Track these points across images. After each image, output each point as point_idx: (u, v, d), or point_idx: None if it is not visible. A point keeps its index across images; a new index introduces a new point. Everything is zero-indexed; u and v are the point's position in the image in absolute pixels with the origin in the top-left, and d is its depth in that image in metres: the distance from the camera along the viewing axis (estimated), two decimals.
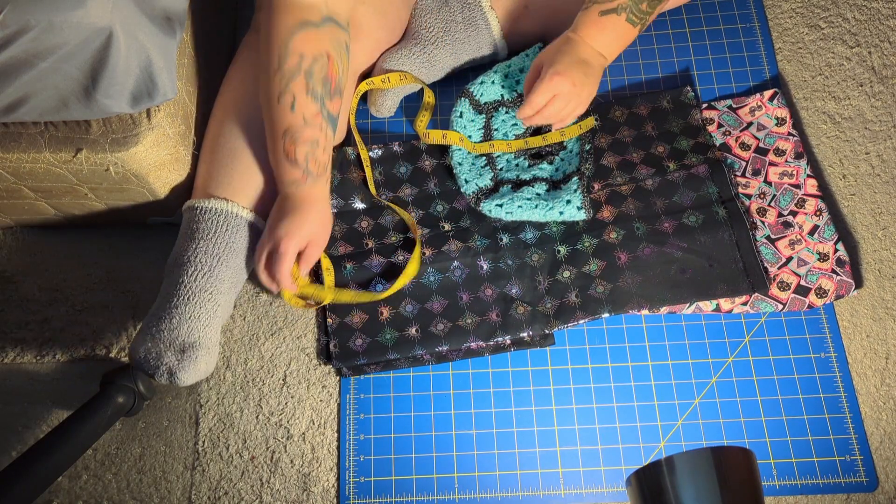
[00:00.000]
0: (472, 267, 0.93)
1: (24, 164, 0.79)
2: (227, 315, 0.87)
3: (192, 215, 0.84)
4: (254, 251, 0.86)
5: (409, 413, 0.90)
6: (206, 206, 0.84)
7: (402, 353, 0.90)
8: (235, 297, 0.87)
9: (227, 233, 0.83)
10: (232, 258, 0.84)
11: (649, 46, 1.05)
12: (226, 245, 0.83)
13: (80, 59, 0.68)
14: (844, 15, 1.07)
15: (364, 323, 0.92)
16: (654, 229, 0.93)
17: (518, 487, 0.87)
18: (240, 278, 0.86)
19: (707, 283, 0.91)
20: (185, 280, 0.81)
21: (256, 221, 0.86)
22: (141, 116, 0.78)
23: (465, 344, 0.90)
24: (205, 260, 0.82)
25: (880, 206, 0.97)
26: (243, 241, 0.85)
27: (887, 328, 0.92)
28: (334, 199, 0.97)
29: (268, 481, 0.88)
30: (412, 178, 0.99)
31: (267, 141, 0.82)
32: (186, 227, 0.85)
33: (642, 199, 0.95)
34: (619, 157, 0.98)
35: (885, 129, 1.01)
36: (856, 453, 0.86)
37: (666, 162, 0.97)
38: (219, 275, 0.82)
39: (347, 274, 0.93)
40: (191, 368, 0.79)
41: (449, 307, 0.92)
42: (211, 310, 0.81)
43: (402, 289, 0.92)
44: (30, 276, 0.97)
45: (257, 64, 0.87)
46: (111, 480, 0.88)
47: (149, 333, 0.79)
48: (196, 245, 0.83)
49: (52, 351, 0.93)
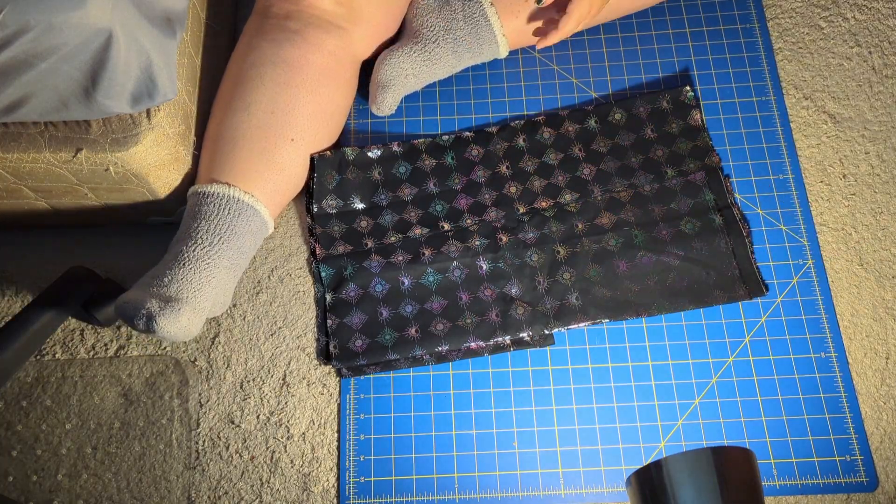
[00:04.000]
0: (472, 267, 0.93)
1: (24, 164, 0.79)
2: (224, 300, 0.86)
3: (196, 199, 0.85)
4: (254, 236, 0.87)
5: (409, 413, 0.90)
6: (209, 190, 0.84)
7: (402, 353, 0.90)
8: (234, 283, 0.87)
9: (228, 216, 0.84)
10: (233, 239, 0.84)
11: (649, 46, 1.05)
12: (227, 226, 0.84)
13: (79, 59, 0.68)
14: (844, 15, 1.07)
15: (363, 323, 0.92)
16: (652, 237, 0.94)
17: (518, 487, 0.87)
18: (240, 262, 0.86)
19: (704, 290, 0.92)
20: (185, 250, 0.81)
21: (257, 206, 0.86)
22: (141, 116, 0.78)
23: (465, 344, 0.90)
24: (205, 237, 0.82)
25: (880, 206, 0.97)
26: (244, 225, 0.85)
27: (887, 328, 0.92)
28: (333, 200, 0.97)
29: (268, 481, 0.88)
30: (412, 178, 0.99)
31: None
32: (190, 210, 0.85)
33: (641, 206, 0.96)
34: (618, 163, 0.98)
35: (885, 129, 1.01)
36: (856, 453, 0.86)
37: (664, 167, 0.97)
38: (218, 251, 0.82)
39: (348, 275, 0.93)
40: (171, 317, 0.76)
41: (448, 307, 0.92)
42: (205, 279, 0.81)
43: (402, 289, 0.92)
44: (30, 276, 0.97)
45: (260, 48, 0.89)
46: (111, 480, 0.88)
47: (138, 287, 0.79)
48: (198, 224, 0.83)
49: (53, 350, 0.93)
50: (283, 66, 0.88)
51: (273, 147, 0.87)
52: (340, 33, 0.92)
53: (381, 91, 0.98)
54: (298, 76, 0.88)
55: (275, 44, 0.89)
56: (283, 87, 0.88)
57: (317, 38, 0.90)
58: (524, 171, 0.98)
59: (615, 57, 1.05)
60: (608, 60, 1.05)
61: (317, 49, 0.90)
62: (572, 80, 1.04)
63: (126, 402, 0.91)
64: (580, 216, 0.95)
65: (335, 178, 0.97)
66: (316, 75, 0.90)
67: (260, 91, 0.87)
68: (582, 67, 1.04)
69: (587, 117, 1.00)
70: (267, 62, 0.88)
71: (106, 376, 0.92)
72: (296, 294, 0.95)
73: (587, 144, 0.99)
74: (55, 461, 0.88)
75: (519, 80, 1.04)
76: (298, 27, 0.89)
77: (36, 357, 0.92)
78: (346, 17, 0.93)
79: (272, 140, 0.87)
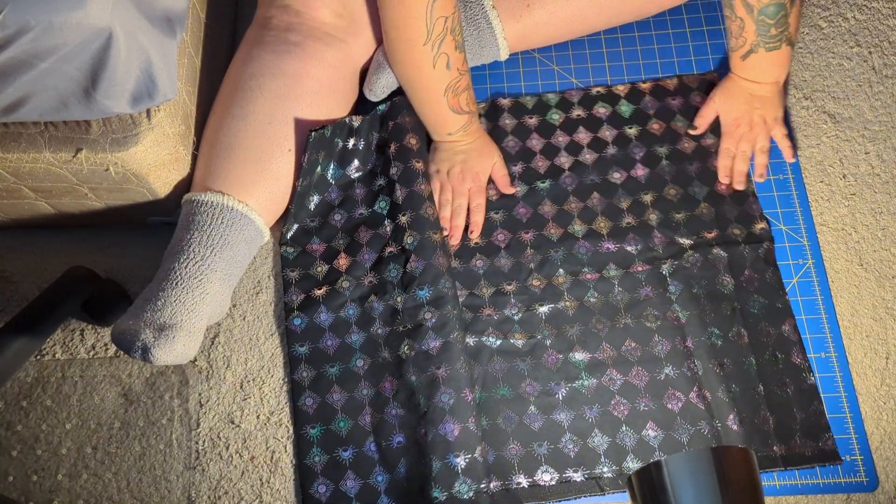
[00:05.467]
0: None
1: (24, 164, 0.79)
2: (221, 308, 0.87)
3: (190, 208, 0.85)
4: (249, 245, 0.86)
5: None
6: (203, 199, 0.84)
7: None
8: (230, 290, 0.87)
9: (221, 225, 0.84)
10: (226, 249, 0.84)
11: (650, 47, 1.05)
12: (220, 236, 0.83)
13: (79, 59, 0.68)
14: (844, 15, 1.07)
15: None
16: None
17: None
18: (234, 271, 0.86)
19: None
20: (176, 267, 0.81)
21: (251, 215, 0.86)
22: (141, 116, 0.78)
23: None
24: (198, 249, 0.82)
25: (880, 206, 0.97)
26: (238, 234, 0.85)
27: (887, 328, 0.92)
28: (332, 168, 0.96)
29: (268, 481, 0.88)
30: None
31: (422, 108, 0.92)
32: (184, 220, 0.85)
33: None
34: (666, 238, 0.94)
35: (885, 129, 1.01)
36: (856, 453, 0.86)
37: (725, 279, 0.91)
38: (211, 264, 0.82)
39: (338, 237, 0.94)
40: (166, 347, 0.78)
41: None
42: (198, 297, 0.81)
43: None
44: (30, 276, 0.97)
45: (260, 59, 0.88)
46: (111, 480, 0.88)
47: (132, 313, 0.80)
48: (191, 235, 0.83)
49: (53, 350, 0.93)
50: (282, 79, 0.88)
51: (269, 157, 0.87)
52: (341, 45, 0.92)
53: (376, 72, 0.96)
54: (298, 88, 0.88)
55: (275, 55, 0.88)
56: (282, 99, 0.87)
57: (317, 51, 0.89)
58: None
59: (615, 57, 1.05)
60: (608, 61, 1.05)
61: (317, 62, 0.89)
62: (572, 80, 1.04)
63: (126, 402, 0.91)
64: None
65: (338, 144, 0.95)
66: (316, 87, 0.89)
67: (259, 101, 0.87)
68: (582, 68, 1.04)
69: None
70: (267, 73, 0.88)
71: (106, 376, 0.92)
72: None
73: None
74: (55, 461, 0.89)
75: (519, 80, 1.04)
76: (299, 39, 0.89)
77: (36, 357, 0.92)
78: (347, 30, 0.92)
79: (269, 150, 0.87)
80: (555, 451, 0.86)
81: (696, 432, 0.85)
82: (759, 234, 0.94)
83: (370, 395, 0.88)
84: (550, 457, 0.85)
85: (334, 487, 0.85)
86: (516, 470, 0.85)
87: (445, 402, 0.84)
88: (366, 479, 0.85)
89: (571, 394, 0.88)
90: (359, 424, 0.87)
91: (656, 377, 0.88)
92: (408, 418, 0.85)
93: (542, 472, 0.85)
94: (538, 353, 0.89)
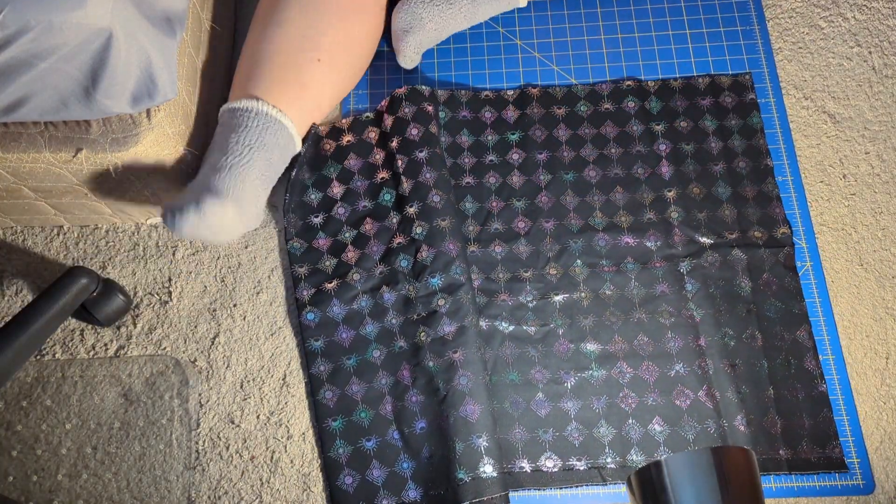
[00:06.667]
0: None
1: (24, 164, 0.79)
2: (258, 209, 0.86)
3: (228, 115, 0.87)
4: (282, 151, 0.88)
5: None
6: (239, 105, 0.87)
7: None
8: (265, 197, 0.88)
9: (257, 128, 0.86)
10: (263, 151, 0.86)
11: (650, 47, 1.05)
12: (257, 138, 0.85)
13: (79, 59, 0.68)
14: (844, 15, 1.07)
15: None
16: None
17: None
18: (270, 175, 0.87)
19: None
20: (221, 159, 0.83)
21: (284, 120, 0.88)
22: (141, 116, 0.78)
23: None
24: (237, 148, 0.84)
25: (880, 206, 0.97)
26: (273, 138, 0.87)
27: (887, 328, 0.92)
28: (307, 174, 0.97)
29: (268, 481, 0.88)
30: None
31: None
32: (221, 127, 0.87)
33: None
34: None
35: (885, 129, 1.01)
36: (853, 456, 0.86)
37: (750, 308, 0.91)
38: (249, 161, 0.84)
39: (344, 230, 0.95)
40: (217, 206, 0.78)
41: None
42: (240, 181, 0.83)
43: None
44: (30, 276, 0.97)
45: None
46: (111, 480, 0.88)
47: (177, 197, 0.81)
48: (228, 136, 0.85)
49: (53, 350, 0.93)
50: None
51: (301, 64, 0.90)
52: None
53: (402, 39, 0.99)
54: (330, 1, 0.92)
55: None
56: (313, 11, 0.91)
57: None
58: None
59: (615, 58, 1.05)
60: (608, 61, 1.05)
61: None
62: (572, 80, 1.04)
63: (126, 402, 0.91)
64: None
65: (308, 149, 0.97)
66: (346, 2, 0.93)
67: (294, 10, 0.91)
68: (582, 68, 1.04)
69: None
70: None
71: (106, 376, 0.92)
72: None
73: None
74: (55, 461, 0.89)
75: (519, 79, 1.04)
76: None
77: (36, 357, 0.93)
78: None
79: (300, 57, 0.90)
80: (560, 438, 0.86)
81: (702, 430, 0.85)
82: (780, 238, 0.94)
83: (389, 384, 0.88)
84: (555, 444, 0.86)
85: (361, 478, 0.85)
86: (520, 455, 0.86)
87: (464, 385, 0.85)
88: (392, 466, 0.85)
89: (580, 383, 0.88)
90: (380, 414, 0.87)
91: (666, 373, 0.88)
92: (428, 403, 0.86)
93: (545, 459, 0.86)
94: (550, 341, 0.90)
